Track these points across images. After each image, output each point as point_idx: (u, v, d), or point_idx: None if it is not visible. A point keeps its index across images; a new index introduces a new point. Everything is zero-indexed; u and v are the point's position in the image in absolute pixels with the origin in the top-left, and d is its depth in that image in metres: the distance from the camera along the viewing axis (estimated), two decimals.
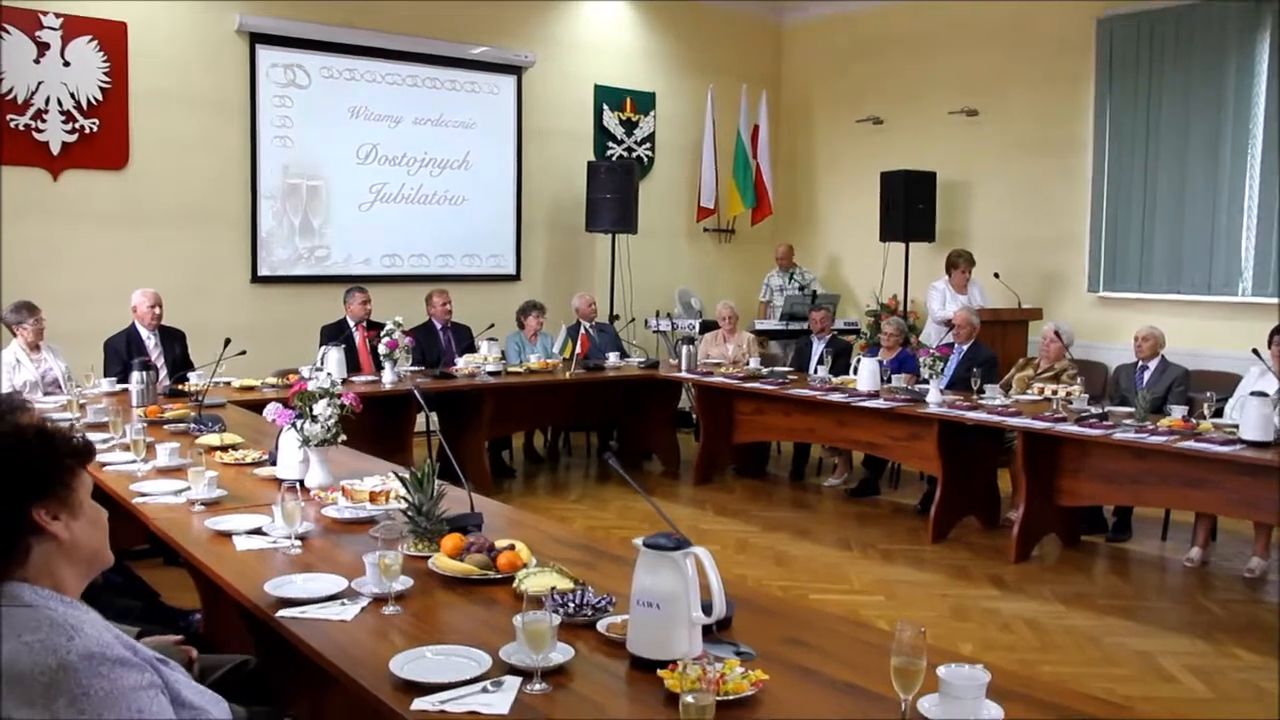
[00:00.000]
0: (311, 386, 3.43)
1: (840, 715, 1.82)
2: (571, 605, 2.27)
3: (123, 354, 5.95)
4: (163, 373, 6.05)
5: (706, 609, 2.03)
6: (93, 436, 4.20)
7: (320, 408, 3.38)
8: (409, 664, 1.98)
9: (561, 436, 8.43)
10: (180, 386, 5.80)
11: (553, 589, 2.34)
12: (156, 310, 6.17)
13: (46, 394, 5.59)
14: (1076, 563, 5.56)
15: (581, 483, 7.44)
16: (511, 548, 2.63)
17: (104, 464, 3.82)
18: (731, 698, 1.82)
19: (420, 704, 1.84)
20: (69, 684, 1.45)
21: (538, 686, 1.90)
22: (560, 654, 1.99)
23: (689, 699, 1.58)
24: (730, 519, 6.42)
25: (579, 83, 9.61)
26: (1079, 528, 5.84)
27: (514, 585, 2.44)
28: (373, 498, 3.06)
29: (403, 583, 2.43)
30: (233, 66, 7.73)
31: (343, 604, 2.37)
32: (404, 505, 2.81)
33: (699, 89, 10.09)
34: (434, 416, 7.18)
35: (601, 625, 2.19)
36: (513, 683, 1.92)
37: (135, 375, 5.23)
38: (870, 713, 1.81)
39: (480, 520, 2.94)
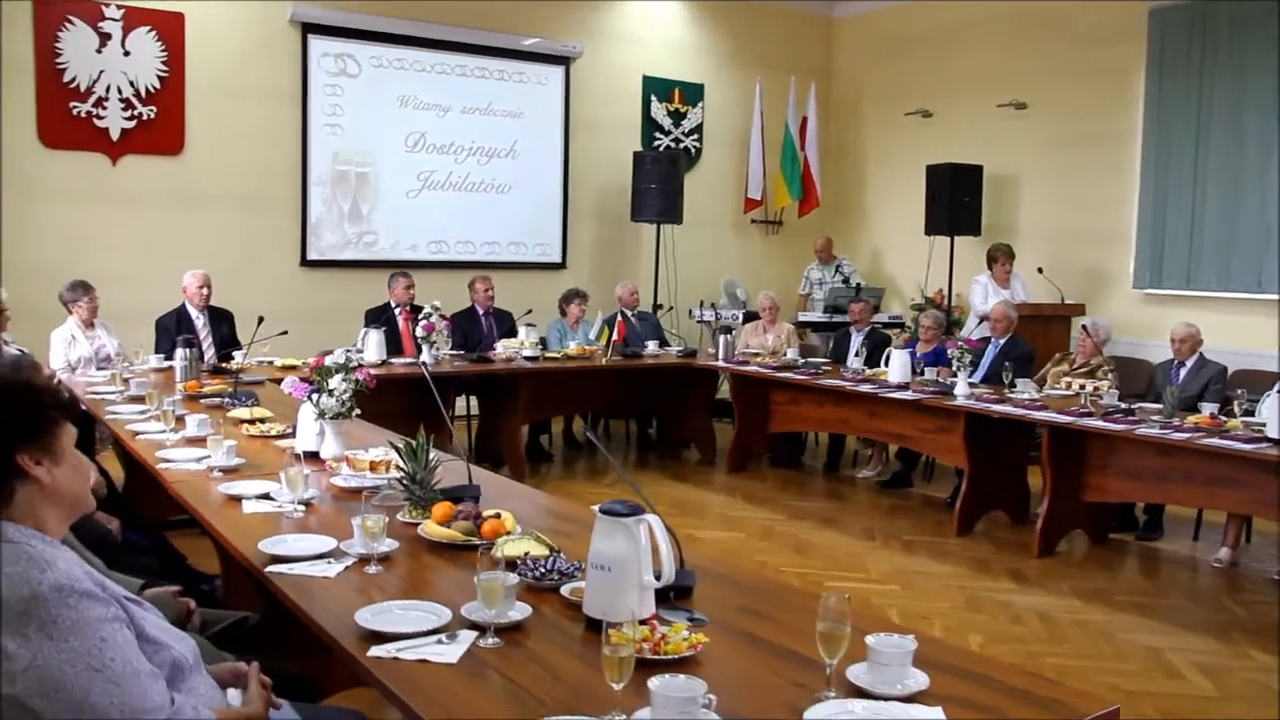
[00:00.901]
0: (329, 362, 3.58)
1: (770, 677, 1.89)
2: (541, 570, 2.37)
3: (172, 332, 6.18)
4: (210, 351, 6.29)
5: (660, 575, 2.11)
6: (131, 408, 4.48)
7: (335, 382, 3.53)
8: (374, 616, 2.09)
9: (601, 423, 8.52)
10: (224, 364, 6.03)
11: (526, 554, 2.44)
12: (205, 291, 6.41)
13: (99, 369, 5.85)
14: (1102, 560, 5.50)
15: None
16: (497, 516, 2.73)
17: (137, 433, 4.03)
18: (670, 658, 1.91)
19: (376, 651, 1.95)
20: (40, 612, 1.58)
21: (490, 640, 2.00)
22: (518, 612, 2.10)
23: (609, 651, 1.66)
24: (758, 506, 6.47)
25: (627, 74, 9.69)
26: (1107, 525, 5.78)
27: (491, 551, 2.54)
28: (373, 467, 3.19)
29: (389, 545, 2.55)
30: (285, 56, 7.96)
31: (329, 562, 2.49)
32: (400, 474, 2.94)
33: (747, 81, 10.10)
34: (470, 400, 7.36)
35: (566, 589, 2.28)
36: (468, 636, 2.02)
37: (179, 352, 5.46)
38: (798, 676, 1.87)
39: (478, 492, 3.05)
